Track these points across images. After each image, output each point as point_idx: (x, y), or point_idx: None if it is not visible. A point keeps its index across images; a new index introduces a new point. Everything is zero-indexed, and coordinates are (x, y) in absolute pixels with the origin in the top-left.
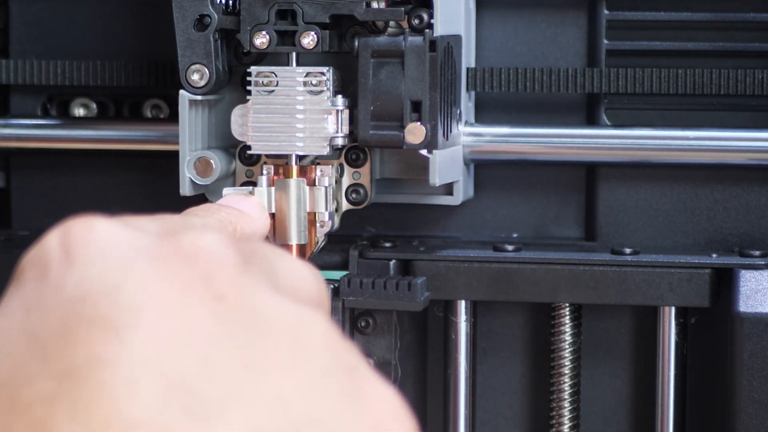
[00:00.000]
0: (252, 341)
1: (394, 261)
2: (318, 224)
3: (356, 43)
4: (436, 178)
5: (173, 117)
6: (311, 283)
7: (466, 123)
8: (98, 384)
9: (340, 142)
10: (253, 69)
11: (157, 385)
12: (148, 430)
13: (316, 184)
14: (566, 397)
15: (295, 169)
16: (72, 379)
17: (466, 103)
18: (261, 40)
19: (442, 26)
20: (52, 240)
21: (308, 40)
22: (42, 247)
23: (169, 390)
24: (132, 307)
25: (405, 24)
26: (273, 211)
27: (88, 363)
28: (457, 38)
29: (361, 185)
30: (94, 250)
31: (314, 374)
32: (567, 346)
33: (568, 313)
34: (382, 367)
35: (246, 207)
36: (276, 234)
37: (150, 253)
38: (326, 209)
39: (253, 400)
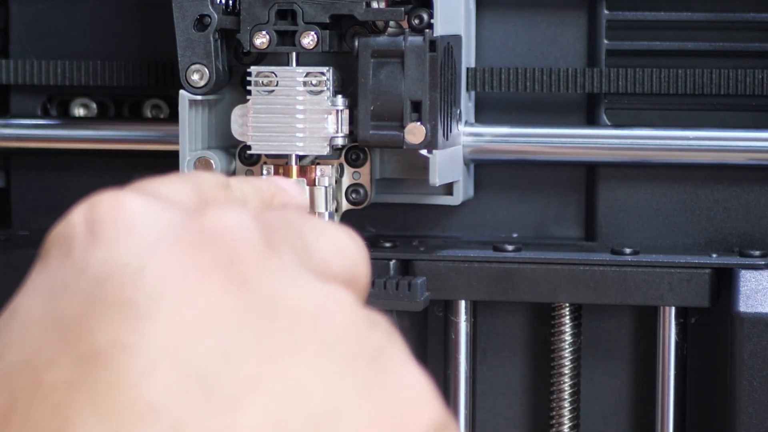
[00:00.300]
0: (273, 329)
1: (394, 261)
2: None
3: (356, 43)
4: (436, 178)
5: (173, 117)
6: (347, 254)
7: (466, 123)
8: (117, 369)
9: (340, 142)
10: (253, 69)
11: (176, 372)
12: (166, 416)
13: (316, 184)
14: (566, 397)
15: (295, 169)
16: (92, 364)
17: (466, 103)
18: (261, 40)
19: (442, 26)
20: (78, 216)
21: (308, 40)
22: (67, 224)
23: (189, 377)
24: (153, 291)
25: (405, 24)
26: None
27: (108, 348)
28: (457, 38)
29: (361, 185)
30: (119, 228)
31: (336, 363)
32: (567, 346)
33: (568, 313)
34: None
35: (286, 184)
36: None
37: (174, 234)
38: (326, 209)
39: (272, 389)
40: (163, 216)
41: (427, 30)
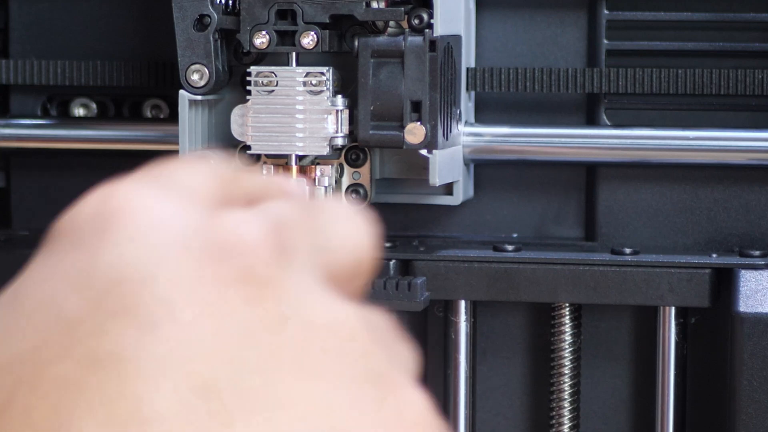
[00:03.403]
0: (281, 345)
1: (394, 261)
2: None
3: (356, 43)
4: (436, 178)
5: (173, 117)
6: (357, 244)
7: (466, 123)
8: (122, 377)
9: (340, 142)
10: (253, 69)
11: (181, 385)
12: (165, 428)
13: (316, 184)
14: (566, 397)
15: (295, 169)
16: (96, 367)
17: (466, 103)
18: (261, 40)
19: (442, 26)
20: (90, 207)
21: (308, 40)
22: (78, 214)
23: (193, 390)
24: (162, 301)
25: (405, 24)
26: None
27: (114, 353)
28: (457, 38)
29: (361, 185)
30: (131, 228)
31: (344, 383)
32: (567, 346)
33: (568, 313)
34: None
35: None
36: None
37: (189, 241)
38: None
39: (278, 407)
40: (179, 219)
41: (427, 30)
